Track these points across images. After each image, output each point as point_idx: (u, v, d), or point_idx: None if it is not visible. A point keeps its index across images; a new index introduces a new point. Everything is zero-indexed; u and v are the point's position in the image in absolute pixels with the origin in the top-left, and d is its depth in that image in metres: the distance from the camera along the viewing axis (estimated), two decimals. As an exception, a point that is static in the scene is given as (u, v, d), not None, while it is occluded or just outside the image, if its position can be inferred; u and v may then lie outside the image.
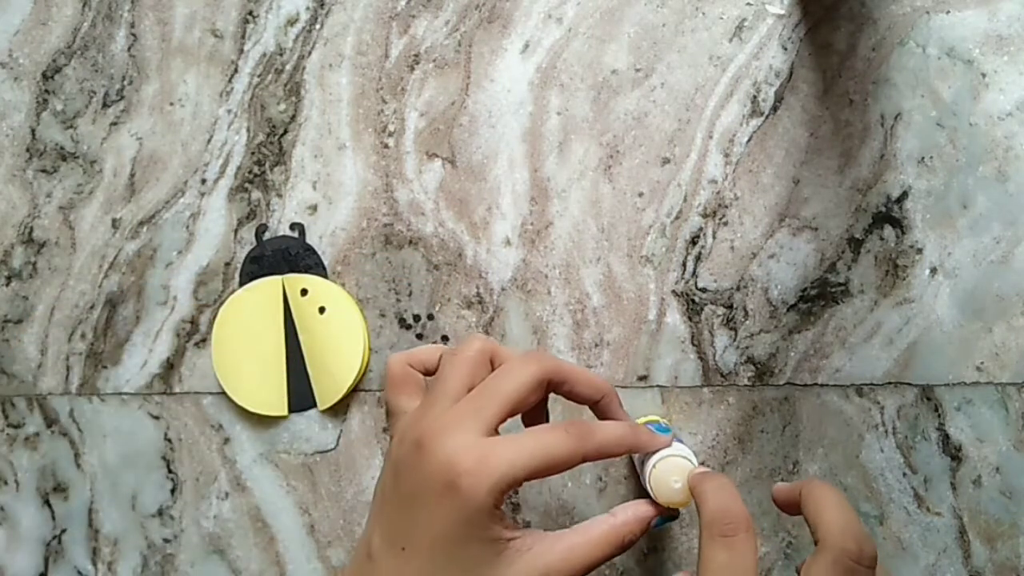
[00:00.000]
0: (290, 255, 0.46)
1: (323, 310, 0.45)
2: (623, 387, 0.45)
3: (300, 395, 0.46)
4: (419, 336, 0.46)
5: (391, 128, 0.46)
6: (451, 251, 0.46)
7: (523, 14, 0.46)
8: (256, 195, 0.46)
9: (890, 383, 0.44)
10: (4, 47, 0.47)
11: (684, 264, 0.45)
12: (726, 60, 0.45)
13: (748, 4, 0.45)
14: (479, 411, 0.29)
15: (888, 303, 0.44)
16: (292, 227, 0.46)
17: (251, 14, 0.47)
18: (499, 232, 0.45)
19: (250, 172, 0.46)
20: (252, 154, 0.46)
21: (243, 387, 0.45)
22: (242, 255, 0.46)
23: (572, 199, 0.45)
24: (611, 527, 0.30)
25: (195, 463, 0.46)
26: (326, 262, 0.46)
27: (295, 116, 0.46)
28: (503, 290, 0.45)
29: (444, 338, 0.46)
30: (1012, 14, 0.44)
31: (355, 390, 0.46)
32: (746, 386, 0.44)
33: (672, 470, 0.33)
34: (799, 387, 0.44)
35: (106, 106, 0.47)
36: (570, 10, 0.46)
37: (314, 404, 0.46)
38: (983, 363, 0.44)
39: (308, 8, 0.46)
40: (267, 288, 0.46)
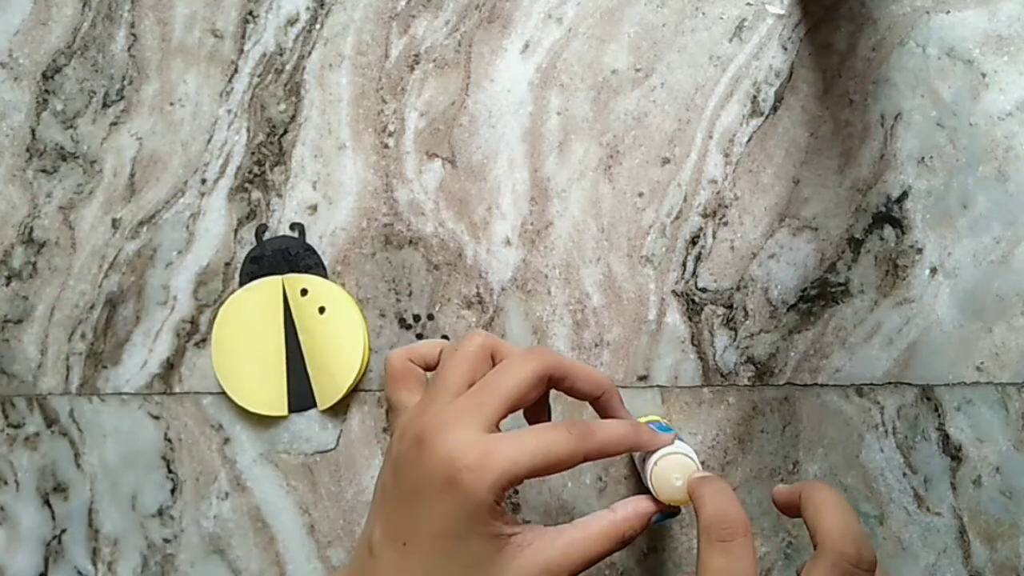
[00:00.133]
0: (290, 255, 0.46)
1: (323, 310, 0.45)
2: (623, 387, 0.45)
3: (300, 395, 0.46)
4: (419, 336, 0.46)
5: (391, 128, 0.46)
6: (451, 251, 0.46)
7: (523, 14, 0.46)
8: (256, 195, 0.46)
9: (890, 383, 0.44)
10: (4, 47, 0.47)
11: (684, 264, 0.45)
12: (726, 60, 0.45)
13: (748, 4, 0.45)
14: (480, 407, 0.29)
15: (888, 303, 0.44)
16: (292, 227, 0.46)
17: (251, 14, 0.47)
18: (499, 232, 0.45)
19: (250, 172, 0.46)
20: (252, 154, 0.46)
21: (243, 387, 0.45)
22: (242, 255, 0.46)
23: (572, 199, 0.45)
24: (611, 523, 0.30)
25: (195, 463, 0.46)
26: (326, 262, 0.46)
27: (295, 116, 0.46)
28: (503, 290, 0.45)
29: (444, 338, 0.46)
30: (1012, 14, 0.44)
31: (355, 390, 0.46)
32: (746, 386, 0.44)
33: (674, 468, 0.33)
34: (799, 387, 0.44)
35: (106, 106, 0.47)
36: (570, 10, 0.46)
37: (314, 404, 0.46)
38: (983, 363, 0.44)
39: (308, 8, 0.47)
40: (267, 288, 0.46)
